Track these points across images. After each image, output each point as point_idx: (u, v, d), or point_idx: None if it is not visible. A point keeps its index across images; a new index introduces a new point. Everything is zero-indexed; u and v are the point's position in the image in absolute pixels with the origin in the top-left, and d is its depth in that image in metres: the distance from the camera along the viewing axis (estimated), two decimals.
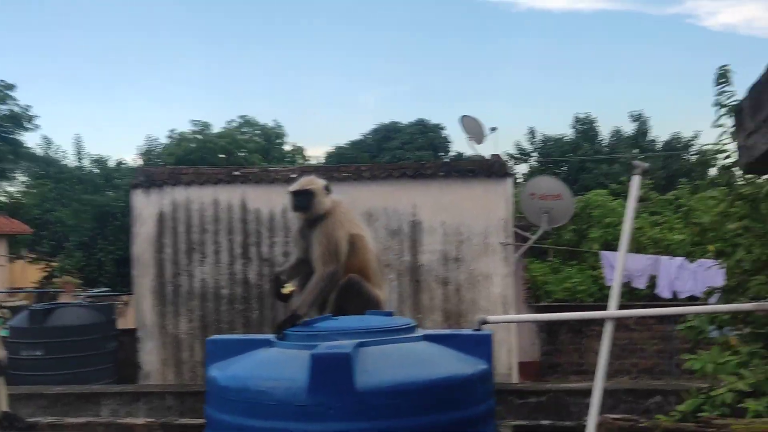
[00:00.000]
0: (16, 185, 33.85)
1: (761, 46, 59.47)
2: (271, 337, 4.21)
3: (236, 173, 11.65)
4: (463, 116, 13.42)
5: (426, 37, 69.09)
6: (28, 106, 32.28)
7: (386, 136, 43.19)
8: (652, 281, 12.63)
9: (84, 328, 10.31)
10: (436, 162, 13.50)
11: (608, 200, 17.57)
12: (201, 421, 5.62)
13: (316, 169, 12.99)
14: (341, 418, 3.50)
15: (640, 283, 12.52)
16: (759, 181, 5.33)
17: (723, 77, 5.28)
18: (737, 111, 3.84)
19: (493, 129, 13.63)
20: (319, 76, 69.43)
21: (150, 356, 11.01)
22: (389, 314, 4.31)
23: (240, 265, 11.04)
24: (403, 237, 10.89)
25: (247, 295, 11.02)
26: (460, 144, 60.47)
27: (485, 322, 4.16)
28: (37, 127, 32.26)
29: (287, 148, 40.99)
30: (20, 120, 32.21)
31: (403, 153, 39.72)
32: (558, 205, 11.49)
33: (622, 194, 19.83)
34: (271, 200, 11.13)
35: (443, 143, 43.95)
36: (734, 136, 3.99)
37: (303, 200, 4.63)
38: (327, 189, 4.72)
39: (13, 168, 31.90)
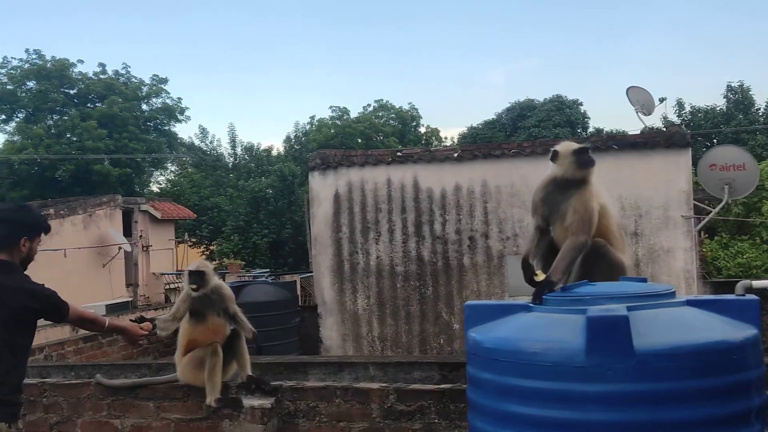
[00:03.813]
0: (172, 174, 35.98)
1: None
2: (527, 302, 4.31)
3: (399, 154, 11.88)
4: (630, 87, 13.06)
5: (558, 8, 67.46)
6: (179, 98, 34.17)
7: (521, 114, 42.56)
8: None
9: (272, 303, 10.84)
10: (612, 135, 13.16)
11: None
12: (430, 386, 5.84)
13: (477, 148, 12.91)
14: (620, 379, 3.53)
15: None
16: None
17: None
18: None
19: (662, 99, 13.20)
20: (449, 57, 69.40)
21: (330, 331, 11.45)
22: (643, 280, 4.29)
23: (413, 243, 11.26)
24: None
25: (421, 272, 11.23)
26: (598, 119, 58.67)
27: (750, 288, 4.06)
28: (188, 118, 34.09)
29: (422, 130, 41.22)
30: (173, 112, 34.10)
31: (540, 131, 39.01)
32: (741, 176, 10.99)
33: None
34: (441, 179, 11.26)
35: (581, 119, 42.81)
36: None
37: (591, 157, 4.58)
38: None
39: (168, 158, 33.86)
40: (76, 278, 17.67)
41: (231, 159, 29.81)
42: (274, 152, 31.62)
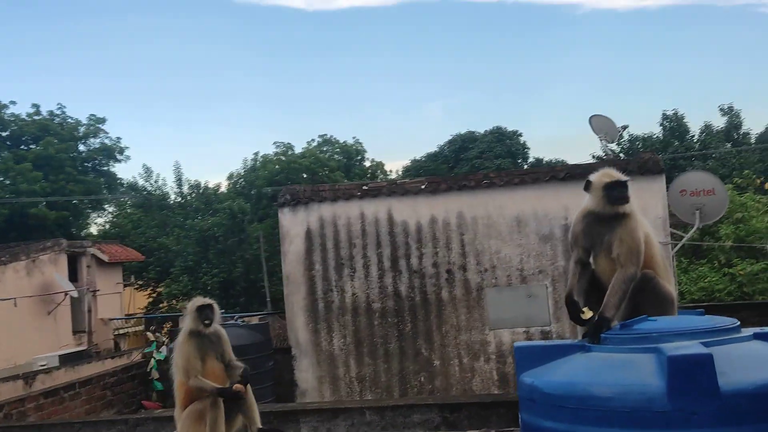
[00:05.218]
0: (110, 215, 34.79)
1: None
2: (580, 341, 4.05)
3: (365, 187, 11.61)
4: (593, 116, 13.14)
5: (492, 44, 68.90)
6: (118, 138, 33.23)
7: (463, 146, 42.95)
8: None
9: (245, 348, 10.27)
10: (588, 164, 13.18)
11: (735, 195, 16.93)
12: None
13: (443, 180, 12.63)
14: (706, 423, 3.28)
15: None
16: None
17: None
18: None
19: (625, 127, 13.33)
20: (390, 91, 70.04)
21: (305, 374, 10.99)
22: (701, 313, 4.08)
23: (390, 278, 10.95)
24: (555, 242, 10.64)
25: (398, 307, 10.91)
26: (538, 149, 59.82)
27: None
28: (128, 158, 33.12)
29: (367, 164, 41.09)
30: (112, 152, 33.12)
31: (482, 162, 39.40)
32: (711, 200, 11.09)
33: (748, 188, 19.15)
34: (416, 212, 11.02)
35: (522, 150, 43.47)
36: None
37: (624, 191, 4.37)
38: None
39: (109, 200, 32.78)
40: (18, 328, 16.69)
41: (178, 198, 28.98)
42: (223, 189, 30.94)
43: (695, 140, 33.17)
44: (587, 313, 4.35)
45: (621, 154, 35.63)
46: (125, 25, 65.95)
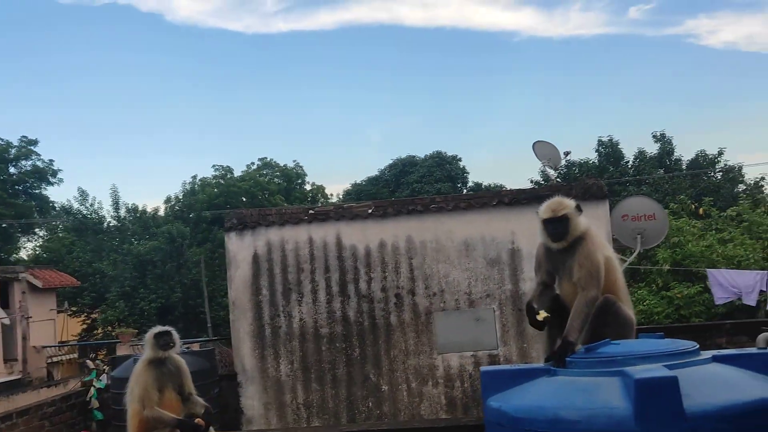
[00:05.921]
0: (41, 240, 33.68)
1: (764, 61, 60.35)
2: (546, 365, 4.08)
3: (311, 212, 11.53)
4: (536, 142, 13.41)
5: (432, 69, 69.81)
6: (51, 160, 32.34)
7: (403, 170, 43.20)
8: (762, 297, 12.38)
9: (191, 375, 10.03)
10: (533, 188, 13.42)
11: (671, 220, 17.44)
12: None
13: (390, 204, 12.64)
14: None
15: (751, 300, 12.26)
16: None
17: None
18: None
19: (567, 153, 13.63)
20: (330, 114, 70.20)
21: (251, 401, 10.77)
22: (661, 336, 4.16)
23: (338, 303, 10.87)
24: (503, 265, 10.75)
25: (347, 333, 10.82)
26: (477, 174, 60.67)
27: None
28: (61, 180, 32.22)
29: (308, 187, 40.97)
30: (44, 174, 32.19)
31: (422, 186, 39.75)
32: (651, 225, 11.40)
33: (682, 213, 19.76)
34: (365, 236, 11.00)
35: (461, 174, 43.97)
36: None
37: (559, 227, 4.46)
38: (578, 209, 4.59)
39: (40, 223, 31.78)
40: None
41: (114, 222, 28.29)
42: (162, 213, 30.36)
43: (630, 166, 34.14)
44: (542, 314, 4.46)
45: (558, 179, 36.55)
46: (59, 47, 64.55)
